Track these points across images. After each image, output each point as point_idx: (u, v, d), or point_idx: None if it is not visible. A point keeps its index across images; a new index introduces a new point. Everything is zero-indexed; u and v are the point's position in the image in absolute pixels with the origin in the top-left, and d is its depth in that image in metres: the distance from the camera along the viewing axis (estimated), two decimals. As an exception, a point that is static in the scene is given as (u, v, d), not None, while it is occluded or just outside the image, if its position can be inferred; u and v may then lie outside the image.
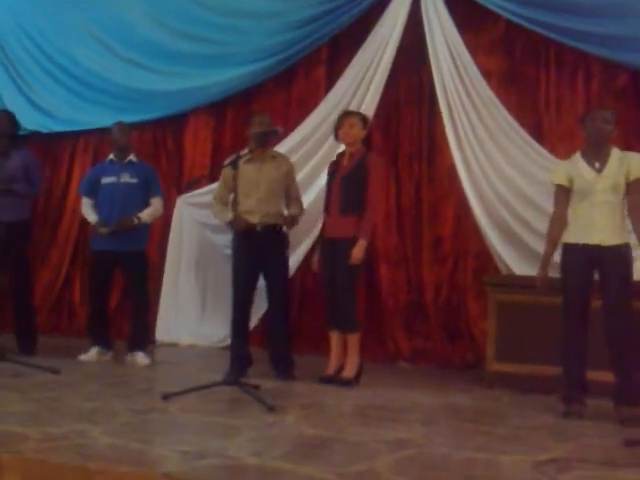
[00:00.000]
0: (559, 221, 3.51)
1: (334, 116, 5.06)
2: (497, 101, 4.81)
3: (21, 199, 4.61)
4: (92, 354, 4.53)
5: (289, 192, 4.32)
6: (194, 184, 5.21)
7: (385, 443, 2.76)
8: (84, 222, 5.98)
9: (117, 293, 5.49)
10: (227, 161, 3.92)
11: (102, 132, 5.82)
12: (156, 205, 4.66)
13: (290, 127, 5.13)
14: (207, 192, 5.43)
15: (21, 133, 5.02)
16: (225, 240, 5.20)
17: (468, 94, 4.82)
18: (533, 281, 3.60)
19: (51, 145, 6.09)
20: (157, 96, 5.63)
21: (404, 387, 4.11)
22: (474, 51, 4.90)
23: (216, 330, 5.37)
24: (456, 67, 4.85)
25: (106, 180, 4.56)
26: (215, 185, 5.35)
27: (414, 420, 3.25)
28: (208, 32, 5.52)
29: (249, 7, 5.43)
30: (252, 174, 4.16)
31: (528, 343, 4.04)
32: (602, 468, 2.53)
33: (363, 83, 5.07)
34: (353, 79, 5.11)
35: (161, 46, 5.63)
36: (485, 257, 4.92)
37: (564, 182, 3.48)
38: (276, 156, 4.32)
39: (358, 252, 3.95)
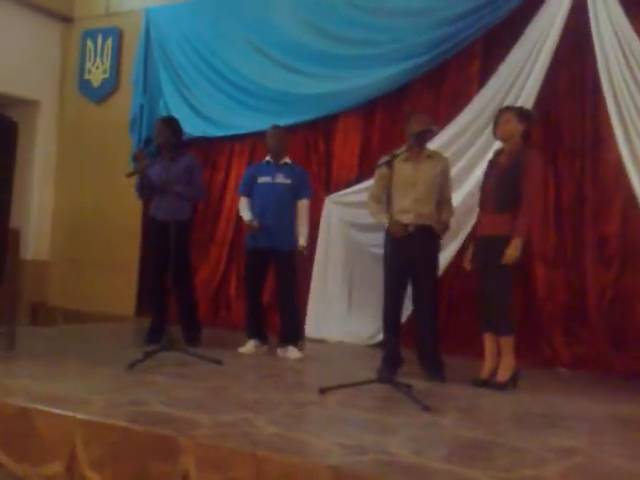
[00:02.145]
0: None
1: (488, 112, 4.96)
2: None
3: (184, 201, 4.85)
4: (250, 347, 4.74)
5: (443, 192, 4.19)
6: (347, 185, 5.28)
7: (551, 450, 2.63)
8: (240, 223, 6.30)
9: (271, 288, 5.65)
10: (382, 160, 3.91)
11: (256, 136, 6.06)
12: (302, 209, 4.74)
13: (441, 124, 4.98)
14: (354, 192, 5.50)
15: (185, 139, 5.32)
16: (372, 239, 5.22)
17: (637, 84, 4.47)
18: None
19: (210, 149, 6.41)
20: (309, 99, 5.72)
21: (565, 393, 3.93)
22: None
23: (363, 328, 5.42)
24: (624, 55, 4.51)
25: (262, 180, 4.75)
26: (362, 185, 5.46)
27: (579, 428, 3.09)
28: (359, 33, 5.52)
29: (401, 5, 5.38)
30: (408, 173, 4.12)
31: None
32: None
33: (521, 76, 4.86)
34: (510, 72, 4.91)
35: (313, 49, 5.73)
36: (656, 259, 4.56)
37: None
38: (432, 155, 4.22)
39: (512, 251, 3.77)
